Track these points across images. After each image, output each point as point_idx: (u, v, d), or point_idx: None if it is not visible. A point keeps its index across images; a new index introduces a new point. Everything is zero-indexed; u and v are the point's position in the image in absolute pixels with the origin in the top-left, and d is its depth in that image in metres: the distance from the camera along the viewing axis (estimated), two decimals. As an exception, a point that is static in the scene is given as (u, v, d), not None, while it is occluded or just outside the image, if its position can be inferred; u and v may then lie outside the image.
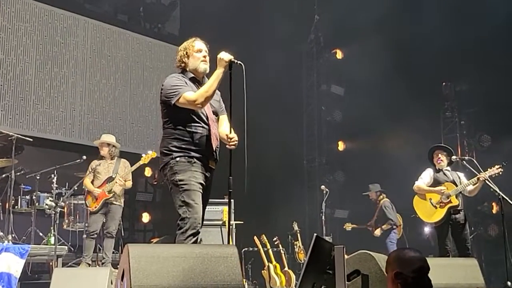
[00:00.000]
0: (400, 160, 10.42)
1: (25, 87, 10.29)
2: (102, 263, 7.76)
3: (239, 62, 4.43)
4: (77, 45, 11.15)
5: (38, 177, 8.25)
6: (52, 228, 7.87)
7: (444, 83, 11.75)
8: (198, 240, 4.35)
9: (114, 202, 7.91)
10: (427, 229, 10.83)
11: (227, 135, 4.41)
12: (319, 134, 13.42)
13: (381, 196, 10.34)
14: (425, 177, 7.39)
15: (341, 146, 13.39)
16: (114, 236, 7.92)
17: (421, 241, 10.96)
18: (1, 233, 7.13)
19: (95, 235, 7.84)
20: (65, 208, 8.20)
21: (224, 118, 4.66)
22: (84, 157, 8.39)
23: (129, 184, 8.18)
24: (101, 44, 11.51)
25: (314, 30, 13.47)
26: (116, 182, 7.86)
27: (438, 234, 7.28)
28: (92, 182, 8.02)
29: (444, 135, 11.62)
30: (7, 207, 7.82)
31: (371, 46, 11.17)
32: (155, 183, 12.09)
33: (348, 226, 10.88)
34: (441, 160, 7.33)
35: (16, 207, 8.09)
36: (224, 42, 11.67)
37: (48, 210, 7.90)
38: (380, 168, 11.20)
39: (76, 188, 8.26)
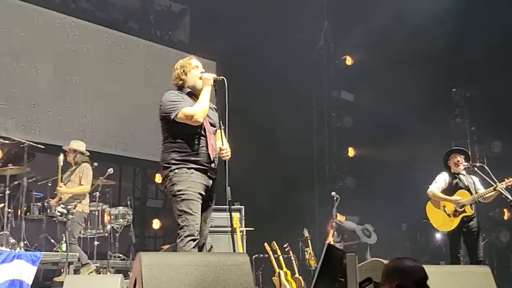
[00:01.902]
0: (410, 166, 10.38)
1: (37, 94, 10.38)
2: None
3: (221, 77, 4.66)
4: (88, 52, 11.23)
5: (49, 184, 8.28)
6: (63, 235, 7.90)
7: (454, 89, 11.71)
8: (208, 247, 4.41)
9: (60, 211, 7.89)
10: (438, 236, 10.76)
11: (220, 147, 4.57)
12: (329, 140, 13.42)
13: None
14: (440, 181, 7.18)
15: (351, 152, 13.37)
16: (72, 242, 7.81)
17: (433, 247, 10.91)
18: (13, 240, 7.16)
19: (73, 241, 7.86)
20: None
21: (221, 133, 4.75)
22: (96, 164, 8.43)
23: (79, 189, 7.91)
24: (112, 51, 11.59)
25: (324, 36, 13.48)
26: (59, 190, 7.78)
27: (450, 241, 7.19)
28: None
29: (455, 141, 11.54)
30: (19, 214, 7.86)
31: (381, 53, 11.17)
32: (165, 190, 12.11)
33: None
34: (460, 162, 7.15)
35: (28, 214, 8.11)
36: (233, 50, 11.80)
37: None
38: (390, 174, 11.17)
39: (86, 191, 8.28)
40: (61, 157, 7.93)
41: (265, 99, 11.77)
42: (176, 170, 4.40)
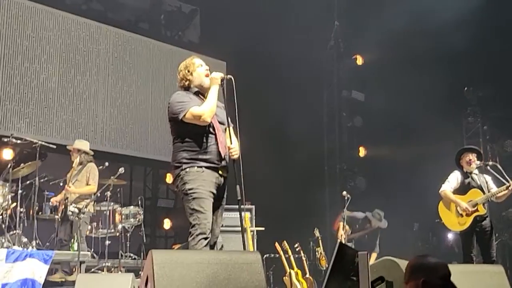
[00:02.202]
0: (422, 166, 10.32)
1: (49, 95, 10.43)
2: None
3: (229, 76, 4.68)
4: (99, 53, 11.28)
5: (61, 184, 8.33)
6: (75, 234, 7.94)
7: (466, 88, 11.63)
8: (219, 246, 4.42)
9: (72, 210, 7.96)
10: (450, 236, 10.70)
11: (228, 146, 4.60)
12: (340, 140, 13.38)
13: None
14: (452, 181, 7.15)
15: (362, 152, 13.33)
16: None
17: (445, 247, 10.85)
18: (26, 239, 7.20)
19: (62, 242, 7.91)
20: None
21: (231, 131, 4.78)
22: (107, 163, 8.47)
23: (86, 189, 8.10)
24: (122, 51, 11.63)
25: (334, 36, 13.45)
26: (67, 190, 7.93)
27: (463, 241, 7.14)
28: None
29: (467, 140, 11.49)
30: (31, 213, 7.91)
31: (392, 51, 11.12)
32: (176, 189, 12.13)
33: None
34: (473, 161, 7.11)
35: (40, 213, 8.16)
36: (243, 50, 11.79)
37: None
38: (402, 173, 11.12)
39: (99, 195, 8.33)
40: (78, 159, 8.09)
41: (275, 98, 11.76)
42: (187, 169, 4.41)
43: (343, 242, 9.32)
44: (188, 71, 4.69)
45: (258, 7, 11.27)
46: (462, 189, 7.09)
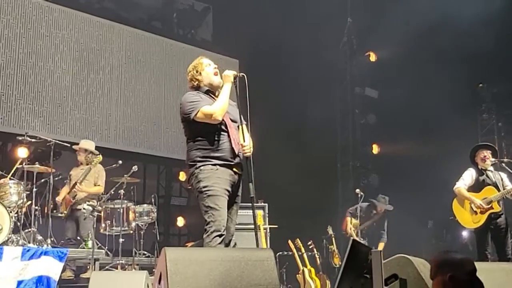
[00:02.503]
0: (436, 163, 10.26)
1: (63, 93, 10.50)
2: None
3: (241, 74, 4.69)
4: (112, 52, 11.33)
5: (64, 182, 8.40)
6: (89, 232, 7.99)
7: (480, 85, 11.54)
8: (232, 244, 4.43)
9: (79, 207, 8.00)
10: (465, 233, 10.63)
11: (241, 144, 4.60)
12: (353, 137, 13.34)
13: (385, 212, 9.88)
14: (466, 178, 7.08)
15: (375, 149, 13.27)
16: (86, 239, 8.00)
17: (459, 245, 10.77)
18: (40, 237, 7.25)
19: (72, 241, 8.01)
20: (102, 212, 8.28)
21: (244, 129, 4.79)
22: (120, 161, 8.51)
23: (95, 189, 8.20)
24: (135, 50, 11.68)
25: (347, 33, 13.40)
26: (79, 189, 7.99)
27: (477, 239, 7.08)
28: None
29: (481, 137, 11.40)
30: (45, 211, 7.97)
31: (405, 48, 11.05)
32: (190, 187, 12.16)
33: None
34: (488, 158, 7.05)
35: (55, 211, 8.23)
36: (255, 48, 11.78)
37: (86, 214, 8.02)
38: (415, 171, 11.06)
39: (112, 193, 8.38)
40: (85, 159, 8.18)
41: (288, 96, 11.75)
42: (201, 167, 4.43)
43: (354, 236, 9.33)
44: (197, 71, 4.73)
45: (271, 5, 11.27)
46: (477, 187, 7.03)
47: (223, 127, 4.57)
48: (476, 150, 7.24)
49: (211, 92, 4.72)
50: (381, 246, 9.35)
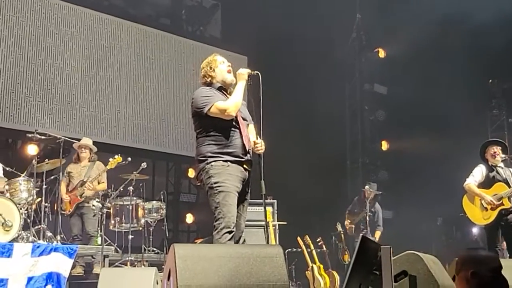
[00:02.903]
0: (445, 159, 10.21)
1: (72, 90, 10.54)
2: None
3: (256, 72, 4.71)
4: (121, 49, 11.36)
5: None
6: (99, 228, 8.03)
7: (491, 80, 11.47)
8: (241, 241, 4.42)
9: (86, 204, 8.04)
10: (475, 230, 10.57)
11: (254, 141, 4.62)
12: (362, 134, 13.30)
13: (376, 198, 9.80)
14: (477, 174, 7.02)
15: (384, 145, 13.22)
16: (94, 234, 8.07)
17: (469, 241, 10.72)
18: (50, 234, 7.29)
19: (79, 237, 8.03)
20: (111, 209, 8.31)
21: (252, 128, 4.84)
22: (129, 158, 8.52)
23: (101, 187, 8.28)
24: (144, 47, 11.70)
25: (356, 29, 13.35)
26: (88, 187, 8.03)
27: (487, 235, 7.04)
28: (68, 186, 8.20)
29: (491, 133, 11.34)
30: (55, 208, 8.01)
31: (414, 44, 11.00)
32: (199, 184, 12.17)
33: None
34: (497, 154, 6.97)
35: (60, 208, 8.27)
36: (264, 44, 11.77)
37: (95, 211, 8.05)
38: (424, 167, 11.01)
39: (121, 189, 8.41)
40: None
41: (297, 93, 11.73)
42: (212, 163, 4.41)
43: (353, 232, 9.38)
44: (211, 68, 4.73)
45: (279, 2, 11.23)
46: (487, 183, 6.98)
47: (234, 123, 4.57)
48: (486, 146, 7.18)
49: (224, 89, 4.72)
50: (377, 235, 9.34)
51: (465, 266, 2.91)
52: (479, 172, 7.06)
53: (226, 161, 4.42)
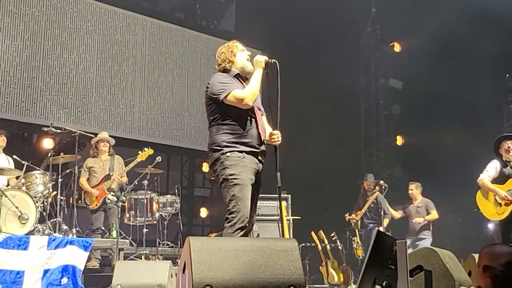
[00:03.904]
0: (461, 154, 10.14)
1: (87, 85, 10.59)
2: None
3: (273, 60, 4.56)
4: (136, 43, 11.40)
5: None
6: (114, 222, 8.07)
7: (508, 75, 11.35)
8: (255, 235, 4.38)
9: (110, 198, 8.06)
10: (491, 226, 10.48)
11: (271, 132, 4.52)
12: (376, 128, 13.22)
13: (377, 188, 9.73)
14: (490, 170, 6.96)
15: (399, 140, 13.14)
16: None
17: (484, 237, 10.63)
18: (66, 227, 7.34)
19: (100, 231, 8.07)
20: (126, 203, 8.36)
21: (265, 119, 4.72)
22: (160, 157, 8.58)
23: (124, 179, 8.37)
24: (159, 41, 11.72)
25: (371, 23, 13.26)
26: (114, 180, 8.11)
27: (502, 230, 6.97)
28: (88, 180, 8.24)
29: (507, 128, 11.23)
30: (71, 201, 8.06)
31: (430, 38, 10.91)
32: (213, 178, 12.15)
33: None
34: (511, 149, 6.90)
35: (80, 201, 8.32)
36: (278, 38, 11.73)
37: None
38: (441, 162, 10.93)
39: (136, 183, 8.45)
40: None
41: (311, 87, 11.69)
42: (228, 154, 4.31)
43: (358, 226, 9.34)
44: (232, 52, 4.61)
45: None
46: (501, 179, 6.90)
47: (250, 112, 4.47)
48: (500, 142, 7.10)
49: (241, 77, 4.62)
50: (385, 222, 9.29)
51: (480, 260, 2.90)
52: (493, 168, 6.99)
53: (241, 152, 4.32)
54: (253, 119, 4.47)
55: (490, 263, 2.83)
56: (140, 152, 8.28)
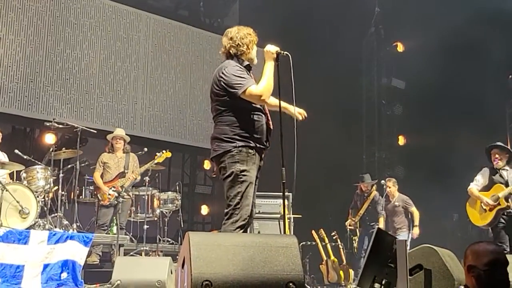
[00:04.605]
0: (463, 155, 10.11)
1: (90, 81, 10.59)
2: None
3: (285, 52, 4.41)
4: (139, 40, 11.39)
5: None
6: (114, 218, 8.08)
7: (510, 76, 11.33)
8: (255, 231, 4.37)
9: (125, 196, 8.07)
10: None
11: (299, 111, 4.66)
12: (379, 128, 13.21)
13: (373, 188, 9.70)
14: (479, 179, 7.23)
15: (401, 140, 13.13)
16: (124, 227, 8.14)
17: (484, 238, 10.60)
18: (67, 222, 7.36)
19: (106, 227, 8.07)
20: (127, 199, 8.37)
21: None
22: (146, 149, 8.59)
23: (137, 177, 8.36)
24: (162, 38, 11.72)
25: (375, 22, 13.24)
26: (129, 178, 8.13)
27: (493, 234, 7.21)
28: (101, 176, 8.22)
29: (510, 129, 11.21)
30: (72, 197, 8.08)
31: (433, 38, 10.89)
32: (214, 176, 12.19)
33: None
34: (498, 160, 7.10)
35: (81, 197, 8.34)
36: (282, 36, 11.70)
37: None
38: (442, 163, 10.91)
39: (137, 180, 8.45)
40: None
41: (314, 86, 11.67)
42: (240, 148, 4.20)
43: (352, 227, 9.31)
44: (253, 42, 4.50)
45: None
46: (490, 185, 7.14)
47: (262, 108, 4.39)
48: (490, 151, 7.24)
49: (250, 68, 4.50)
50: (381, 222, 9.27)
51: (466, 260, 2.90)
52: (481, 176, 7.23)
53: (252, 148, 4.24)
54: (263, 115, 4.39)
55: (474, 263, 2.82)
56: (157, 153, 8.29)
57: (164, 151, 8.37)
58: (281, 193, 4.27)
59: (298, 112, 4.55)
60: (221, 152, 4.25)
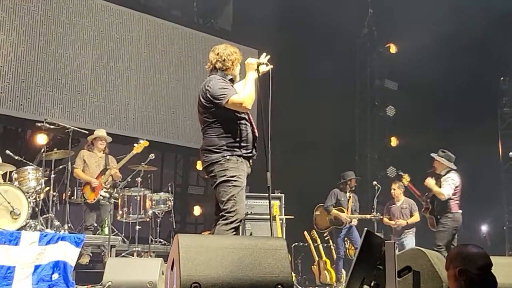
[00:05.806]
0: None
1: (82, 81, 10.57)
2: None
3: (266, 63, 4.69)
4: (132, 40, 11.37)
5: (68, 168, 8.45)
6: (106, 218, 8.07)
7: (502, 78, 11.39)
8: (248, 234, 4.44)
9: (103, 194, 8.11)
10: (484, 228, 10.53)
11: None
12: (371, 129, 13.24)
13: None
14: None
15: (394, 141, 13.16)
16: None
17: (477, 240, 10.66)
18: (58, 223, 7.33)
19: (92, 228, 8.07)
20: (119, 200, 8.36)
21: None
22: (153, 155, 8.57)
23: (118, 175, 8.37)
24: (155, 39, 11.70)
25: (368, 24, 13.27)
26: (111, 173, 8.15)
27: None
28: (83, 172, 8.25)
29: (501, 131, 11.26)
30: (63, 198, 8.05)
31: (426, 40, 10.92)
32: (206, 177, 12.20)
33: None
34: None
35: (72, 198, 8.32)
36: (275, 37, 11.73)
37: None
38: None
39: (129, 180, 8.44)
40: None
41: (307, 87, 11.69)
42: (228, 156, 4.40)
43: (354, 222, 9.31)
44: (238, 60, 4.69)
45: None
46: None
47: (246, 117, 4.58)
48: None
49: (233, 81, 4.70)
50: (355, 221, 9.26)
51: (453, 263, 2.88)
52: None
53: (240, 156, 4.43)
54: (248, 124, 4.58)
55: (465, 267, 2.81)
56: (135, 144, 8.28)
57: (141, 141, 8.35)
58: (273, 194, 4.36)
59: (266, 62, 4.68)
60: (210, 162, 4.46)
